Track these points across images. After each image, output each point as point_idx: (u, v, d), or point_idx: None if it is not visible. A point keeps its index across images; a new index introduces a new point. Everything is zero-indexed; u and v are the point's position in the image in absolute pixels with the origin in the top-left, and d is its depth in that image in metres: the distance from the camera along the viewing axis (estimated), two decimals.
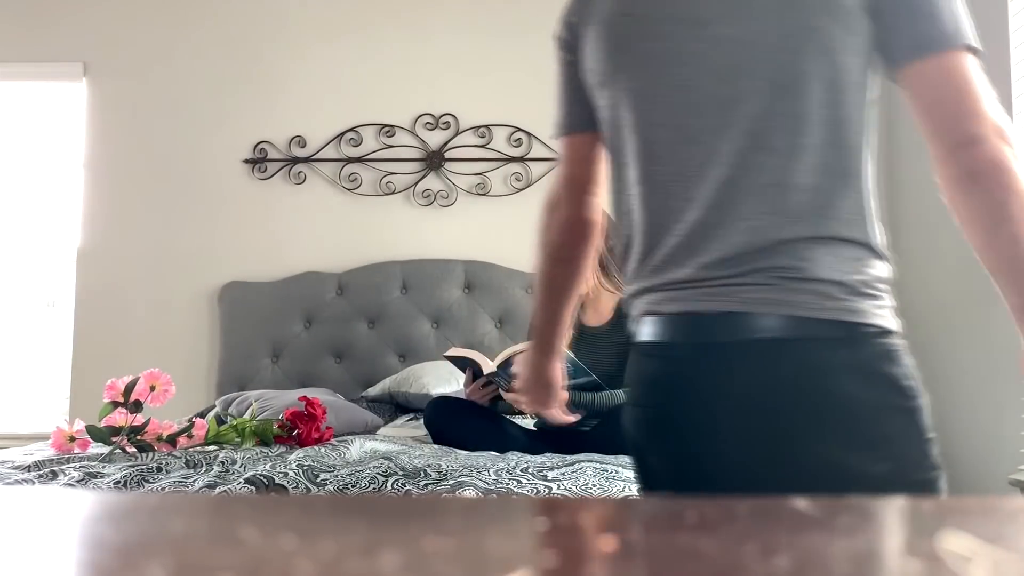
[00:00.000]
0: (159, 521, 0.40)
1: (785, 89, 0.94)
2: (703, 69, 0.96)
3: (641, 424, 1.04)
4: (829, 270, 0.98)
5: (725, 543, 0.38)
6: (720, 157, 0.95)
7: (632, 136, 1.02)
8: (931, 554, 0.32)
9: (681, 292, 0.98)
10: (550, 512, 0.43)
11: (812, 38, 0.93)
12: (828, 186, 0.98)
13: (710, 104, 0.96)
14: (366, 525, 0.38)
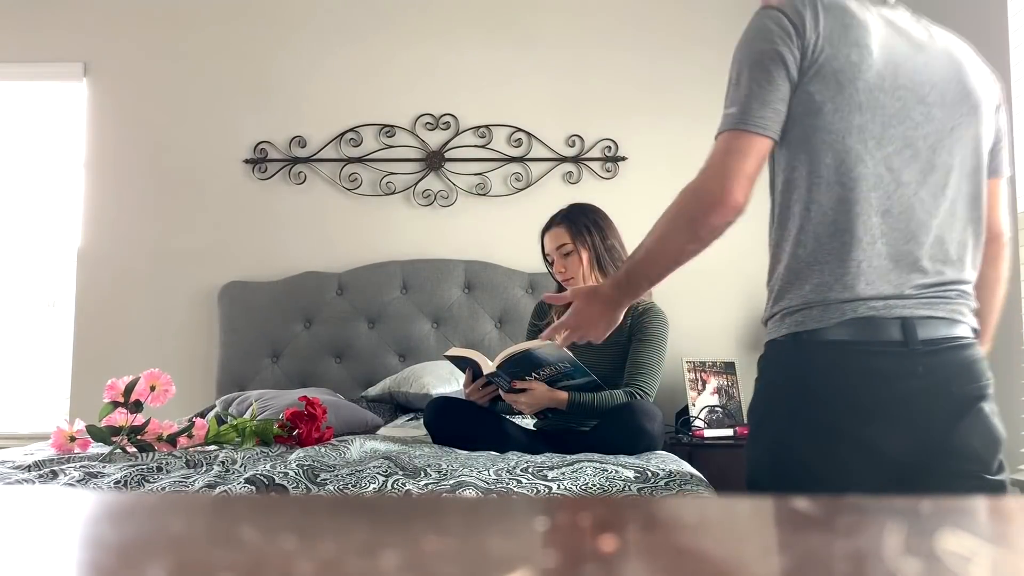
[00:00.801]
0: (159, 521, 0.40)
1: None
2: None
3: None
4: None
5: (725, 543, 0.38)
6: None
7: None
8: (931, 554, 0.32)
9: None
10: (550, 512, 0.43)
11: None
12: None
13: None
14: (366, 525, 0.38)
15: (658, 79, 3.41)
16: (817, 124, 1.29)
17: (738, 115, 1.29)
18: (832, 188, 1.28)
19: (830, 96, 1.28)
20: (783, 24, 1.29)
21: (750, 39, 1.33)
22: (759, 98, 1.28)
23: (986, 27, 2.66)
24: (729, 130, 1.29)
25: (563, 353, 2.04)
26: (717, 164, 1.28)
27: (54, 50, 3.47)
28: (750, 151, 1.27)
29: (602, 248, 2.29)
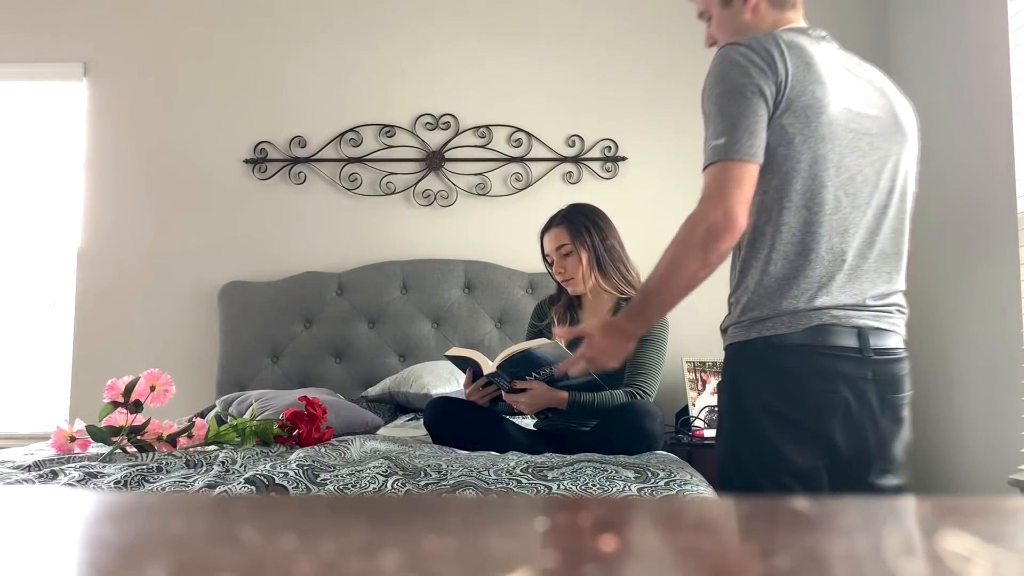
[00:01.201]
0: (159, 521, 0.40)
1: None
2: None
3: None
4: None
5: (725, 543, 0.38)
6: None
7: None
8: (931, 554, 0.32)
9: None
10: (550, 512, 0.43)
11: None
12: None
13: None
14: (366, 525, 0.38)
15: (658, 79, 3.41)
16: (788, 153, 1.43)
17: (728, 145, 1.40)
18: (799, 212, 1.44)
19: (799, 128, 1.43)
20: (755, 60, 1.43)
21: (726, 72, 1.45)
22: (746, 128, 1.40)
23: (986, 27, 2.66)
24: (723, 160, 1.40)
25: (563, 352, 2.04)
26: (717, 193, 1.39)
27: (54, 50, 3.47)
28: (744, 178, 1.40)
29: (602, 248, 2.29)
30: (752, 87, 1.41)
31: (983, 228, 2.67)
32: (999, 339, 2.59)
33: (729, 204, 1.38)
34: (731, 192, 1.38)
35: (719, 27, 1.65)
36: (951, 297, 2.88)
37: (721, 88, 1.44)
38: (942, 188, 2.94)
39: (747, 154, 1.39)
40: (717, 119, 1.43)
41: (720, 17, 1.64)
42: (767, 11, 1.58)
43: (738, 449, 1.49)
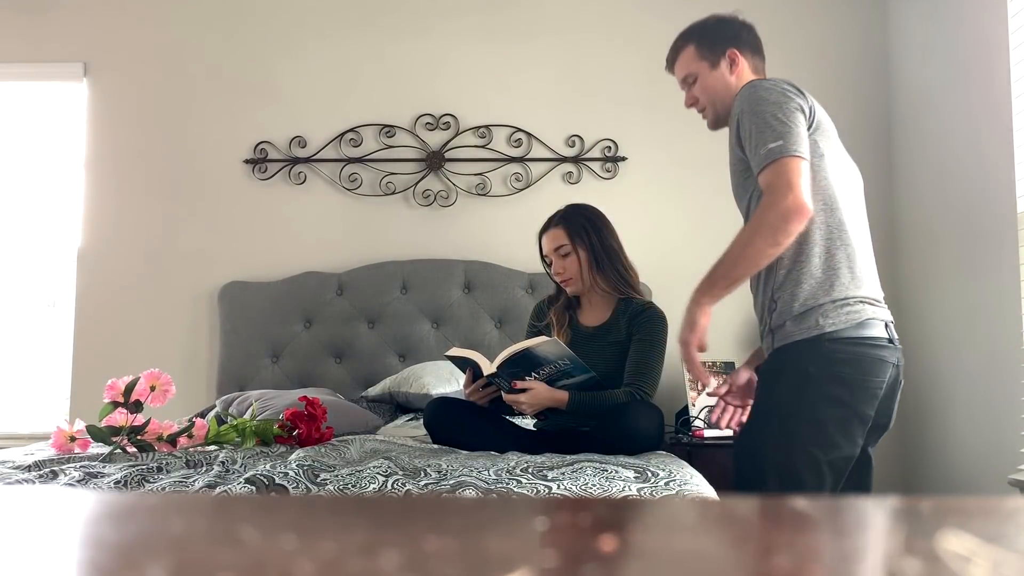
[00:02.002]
0: (159, 521, 0.40)
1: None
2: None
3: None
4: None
5: (725, 543, 0.38)
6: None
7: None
8: (931, 554, 0.32)
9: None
10: (550, 512, 0.43)
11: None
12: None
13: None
14: (366, 525, 0.38)
15: (658, 79, 3.41)
16: (820, 165, 1.67)
17: (785, 146, 1.59)
18: (831, 215, 1.67)
19: (827, 146, 1.70)
20: (786, 88, 1.68)
21: (766, 96, 1.66)
22: (798, 133, 1.61)
23: (986, 27, 2.66)
24: (782, 157, 1.59)
25: (563, 350, 2.04)
26: (784, 183, 1.57)
27: (54, 50, 3.47)
28: (804, 171, 1.60)
29: (600, 249, 2.29)
30: (795, 104, 1.65)
31: (983, 228, 2.67)
32: (999, 339, 2.59)
33: (797, 192, 1.55)
34: (796, 181, 1.56)
35: (704, 89, 1.85)
36: (951, 297, 2.88)
37: (765, 106, 1.64)
38: (942, 188, 2.94)
39: (801, 152, 1.59)
40: (768, 127, 1.61)
41: (707, 80, 1.85)
42: (748, 73, 1.84)
43: (794, 437, 1.63)
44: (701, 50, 1.86)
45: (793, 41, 3.39)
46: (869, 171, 3.33)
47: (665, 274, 3.22)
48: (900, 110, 3.28)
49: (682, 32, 1.93)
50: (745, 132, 1.67)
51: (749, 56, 1.85)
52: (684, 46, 1.90)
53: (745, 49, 1.85)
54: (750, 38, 1.88)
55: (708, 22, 1.90)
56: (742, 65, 1.83)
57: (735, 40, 1.85)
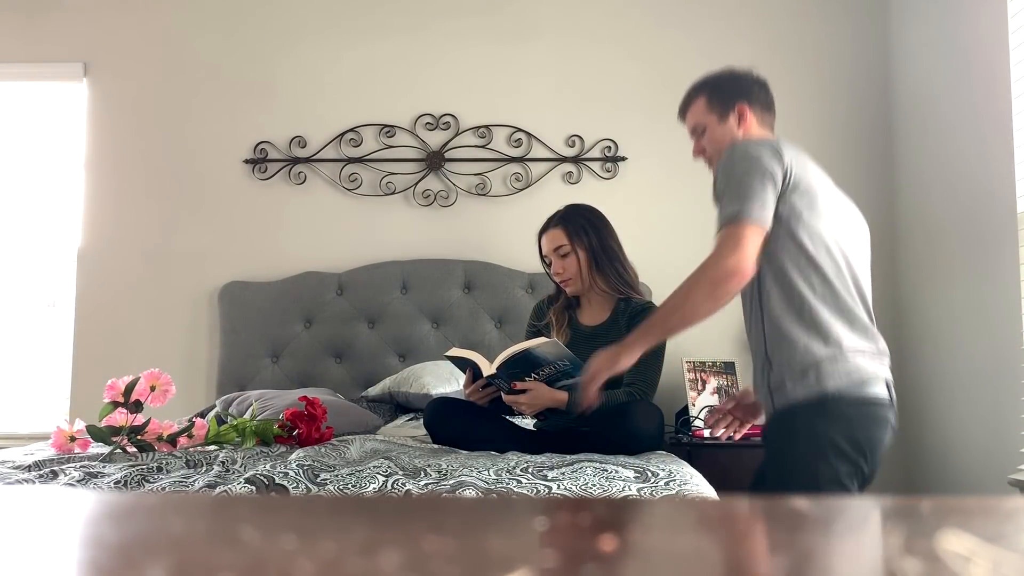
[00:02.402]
0: (159, 521, 0.40)
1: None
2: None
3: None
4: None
5: (725, 542, 0.38)
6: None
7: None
8: (931, 554, 0.32)
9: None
10: (550, 512, 0.43)
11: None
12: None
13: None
14: (366, 525, 0.38)
15: (658, 80, 3.41)
16: (800, 225, 1.70)
17: (741, 211, 1.64)
18: (819, 274, 1.70)
19: (806, 204, 1.71)
20: (764, 149, 1.71)
21: (739, 160, 1.70)
22: (757, 199, 1.65)
23: (986, 27, 2.66)
24: (735, 222, 1.64)
25: (562, 351, 2.04)
26: (731, 244, 1.63)
27: (54, 50, 3.47)
28: (753, 236, 1.64)
29: (599, 249, 2.29)
30: (763, 168, 1.67)
31: (983, 228, 2.67)
32: (999, 339, 2.59)
33: (741, 253, 1.61)
34: (743, 245, 1.62)
35: (712, 140, 1.90)
36: (951, 297, 2.88)
37: (735, 169, 1.69)
38: (942, 188, 2.94)
39: (757, 219, 1.64)
40: (731, 192, 1.67)
41: (715, 132, 1.89)
42: (755, 128, 1.88)
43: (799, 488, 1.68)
44: (711, 103, 1.91)
45: (793, 42, 3.39)
46: (869, 171, 3.35)
47: (665, 274, 3.21)
48: (900, 110, 3.28)
49: (696, 83, 1.97)
50: (717, 191, 1.74)
51: (759, 112, 1.89)
52: (696, 97, 1.94)
53: (755, 105, 1.89)
54: (761, 94, 1.91)
55: (722, 75, 1.94)
56: (750, 120, 1.87)
57: (746, 96, 1.89)
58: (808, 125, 3.36)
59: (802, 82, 3.38)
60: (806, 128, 3.36)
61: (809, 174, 1.75)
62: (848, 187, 3.30)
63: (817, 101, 3.37)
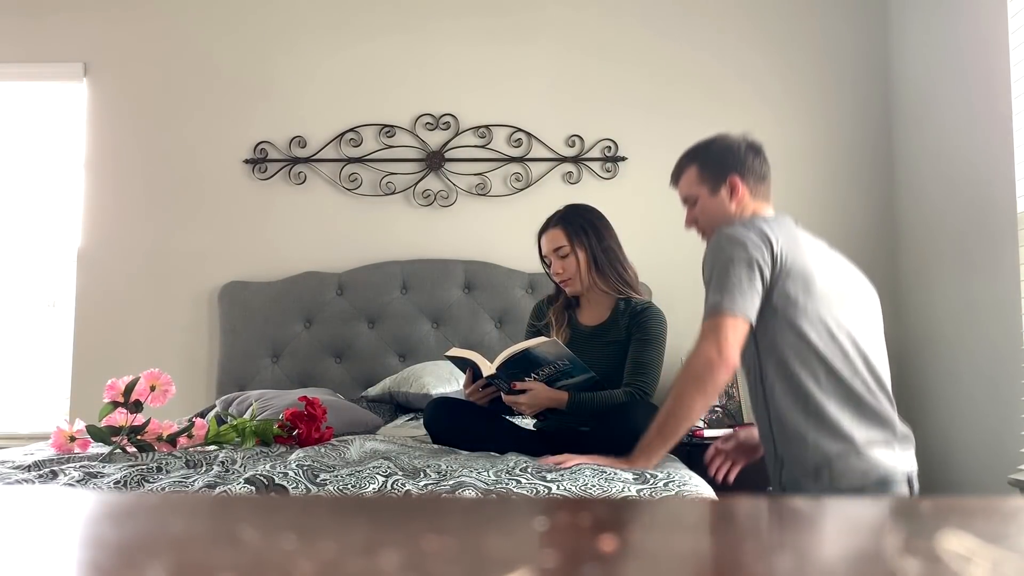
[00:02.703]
0: (159, 521, 0.40)
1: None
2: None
3: None
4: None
5: (724, 543, 0.38)
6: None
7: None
8: (931, 554, 0.32)
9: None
10: (550, 512, 0.43)
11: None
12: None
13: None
14: (366, 525, 0.38)
15: (658, 79, 3.41)
16: (796, 313, 1.66)
17: (723, 303, 1.63)
18: (821, 363, 1.65)
19: (800, 290, 1.66)
20: (752, 237, 1.67)
21: (725, 247, 1.67)
22: (740, 290, 1.63)
23: (986, 27, 2.66)
24: (718, 315, 1.63)
25: (562, 350, 2.04)
26: (712, 336, 1.62)
27: (54, 50, 3.47)
28: (737, 328, 1.63)
29: (599, 249, 2.29)
30: (748, 257, 1.65)
31: (983, 228, 2.67)
32: (999, 339, 2.59)
33: (723, 344, 1.61)
34: (725, 336, 1.61)
35: (704, 213, 1.87)
36: (951, 297, 2.88)
37: (721, 258, 1.67)
38: (942, 188, 2.94)
39: (740, 311, 1.62)
40: (715, 283, 1.66)
41: (706, 204, 1.86)
42: (749, 204, 1.84)
43: None
44: (703, 174, 1.87)
45: (794, 41, 3.39)
46: (869, 171, 3.35)
47: (665, 274, 3.22)
48: (900, 110, 3.28)
49: (687, 151, 1.92)
50: (704, 278, 1.72)
51: (751, 183, 1.85)
52: (687, 166, 1.90)
53: (747, 176, 1.84)
54: (755, 163, 1.86)
55: (713, 145, 1.89)
56: (742, 192, 1.83)
57: (738, 168, 1.84)
58: (808, 125, 3.36)
59: (802, 82, 3.38)
60: (806, 128, 3.36)
61: (803, 253, 1.70)
62: (848, 187, 3.32)
63: (817, 101, 3.37)
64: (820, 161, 3.35)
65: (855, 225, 3.31)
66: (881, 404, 1.69)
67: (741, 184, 1.83)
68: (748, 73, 3.38)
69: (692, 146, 1.92)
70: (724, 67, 3.39)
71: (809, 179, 3.35)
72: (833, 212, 3.31)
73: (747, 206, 1.83)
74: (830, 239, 3.39)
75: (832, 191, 3.33)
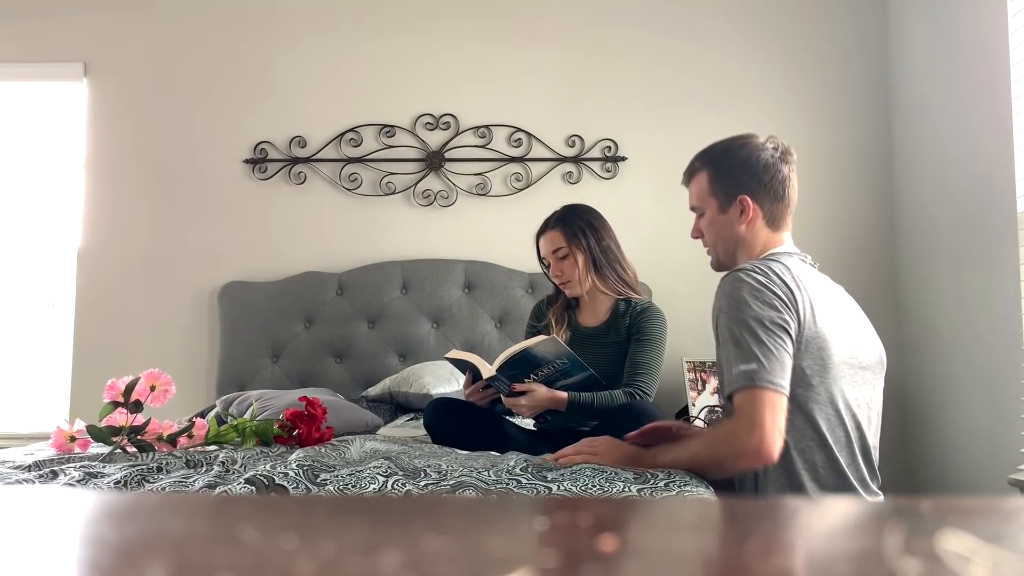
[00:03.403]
0: (159, 521, 0.40)
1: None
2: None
3: None
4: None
5: (725, 543, 0.38)
6: None
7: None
8: (931, 554, 0.32)
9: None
10: (550, 512, 0.43)
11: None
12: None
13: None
14: (366, 525, 0.38)
15: (658, 79, 3.41)
16: (808, 395, 1.51)
17: (762, 373, 1.43)
18: (825, 449, 1.52)
19: (816, 371, 1.51)
20: (779, 294, 1.49)
21: (751, 299, 1.48)
22: (778, 360, 1.44)
23: (986, 27, 2.66)
24: (757, 387, 1.42)
25: (561, 348, 2.04)
26: (751, 418, 1.41)
27: (54, 50, 3.47)
28: (779, 408, 1.42)
29: (597, 250, 2.28)
30: (781, 320, 1.47)
31: (983, 228, 2.67)
32: (999, 339, 2.59)
33: (764, 433, 1.40)
34: (767, 419, 1.40)
35: (710, 228, 1.71)
36: (951, 297, 2.88)
37: (748, 313, 1.47)
38: (942, 188, 2.94)
39: (780, 385, 1.43)
40: (747, 344, 1.45)
41: (714, 219, 1.70)
42: (761, 229, 1.66)
43: None
44: (714, 186, 1.69)
45: (794, 40, 3.39)
46: (870, 171, 3.35)
47: (665, 274, 3.22)
48: (900, 110, 3.28)
49: (704, 151, 1.74)
50: (722, 335, 1.53)
51: (766, 204, 1.66)
52: (700, 170, 1.73)
53: (763, 198, 1.65)
54: (773, 183, 1.66)
55: (732, 154, 1.69)
56: (754, 215, 1.65)
57: (752, 186, 1.65)
58: (808, 125, 3.36)
59: (802, 82, 3.38)
60: (806, 128, 3.36)
61: (820, 313, 1.52)
62: (848, 187, 3.32)
63: (817, 101, 3.37)
64: (820, 161, 3.35)
65: (855, 225, 3.31)
66: (867, 491, 1.58)
67: (753, 206, 1.65)
68: (748, 73, 3.38)
69: (711, 146, 1.74)
70: (724, 67, 3.39)
71: (809, 179, 3.35)
72: (833, 212, 3.31)
73: (758, 233, 1.67)
74: (830, 239, 3.39)
75: (832, 191, 3.33)
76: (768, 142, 1.69)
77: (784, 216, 1.69)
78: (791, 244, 1.69)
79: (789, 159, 1.69)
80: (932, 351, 3.00)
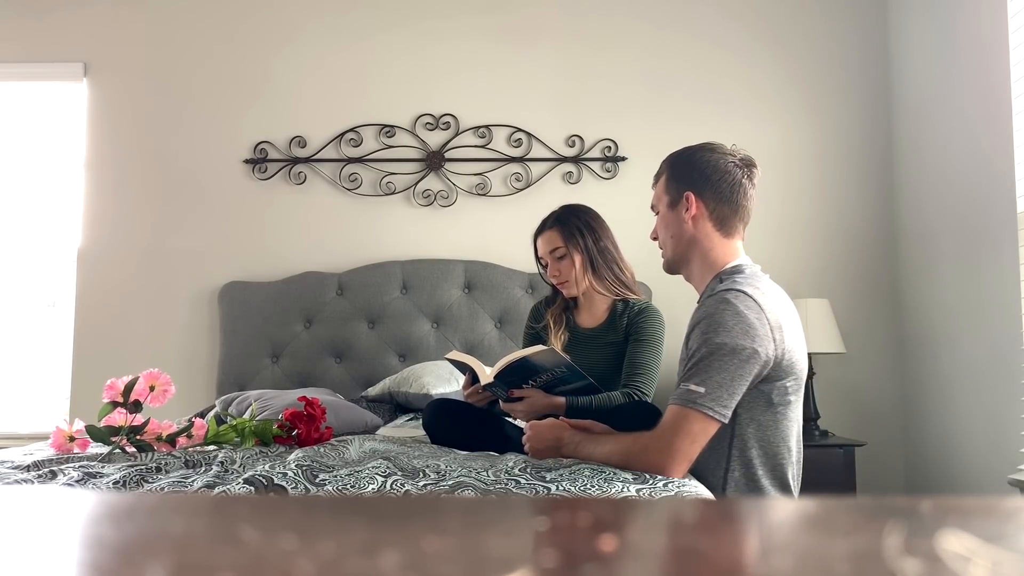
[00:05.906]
0: (158, 521, 0.40)
1: None
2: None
3: None
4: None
5: (723, 543, 0.38)
6: None
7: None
8: (931, 554, 0.32)
9: None
10: (550, 512, 0.43)
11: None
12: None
13: None
14: (366, 525, 0.38)
15: (658, 79, 3.41)
16: (786, 413, 1.59)
17: (705, 400, 1.46)
18: (795, 465, 1.62)
19: (795, 389, 1.58)
20: (764, 323, 1.51)
21: (734, 326, 1.50)
22: (728, 388, 1.48)
23: (986, 27, 2.66)
24: (692, 408, 1.47)
25: (559, 358, 2.03)
26: (668, 438, 1.47)
27: (54, 50, 3.47)
28: (701, 436, 1.47)
29: (595, 250, 2.28)
30: (752, 351, 1.49)
31: (983, 228, 2.67)
32: (999, 339, 2.59)
33: (674, 455, 1.46)
34: (682, 443, 1.46)
35: (661, 224, 1.75)
36: (951, 297, 2.88)
37: (724, 337, 1.49)
38: (942, 188, 2.94)
39: (719, 413, 1.48)
40: (706, 367, 1.49)
41: (665, 216, 1.73)
42: (712, 231, 1.67)
43: None
44: (668, 184, 1.73)
45: (793, 41, 3.39)
46: (869, 171, 3.35)
47: (664, 274, 3.21)
48: (900, 110, 3.28)
49: (668, 155, 1.79)
50: (691, 345, 1.55)
51: (711, 203, 1.66)
52: (662, 172, 1.77)
53: (707, 195, 1.66)
54: (721, 186, 1.66)
55: (688, 154, 1.73)
56: (698, 211, 1.67)
57: (700, 184, 1.67)
58: (808, 125, 3.36)
59: (802, 82, 3.38)
60: (806, 128, 3.36)
61: (790, 342, 1.56)
62: (848, 187, 3.32)
63: (817, 101, 3.37)
64: (820, 161, 3.35)
65: (855, 224, 3.31)
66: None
67: (696, 201, 1.66)
68: (748, 73, 3.38)
69: (673, 152, 1.79)
70: (724, 67, 3.39)
71: (809, 179, 3.35)
72: (833, 212, 3.31)
73: (708, 235, 1.67)
74: (830, 239, 3.39)
75: (832, 191, 3.33)
76: (732, 150, 1.71)
77: (734, 222, 1.68)
78: (744, 255, 1.69)
79: (749, 171, 1.69)
80: (932, 350, 3.00)
